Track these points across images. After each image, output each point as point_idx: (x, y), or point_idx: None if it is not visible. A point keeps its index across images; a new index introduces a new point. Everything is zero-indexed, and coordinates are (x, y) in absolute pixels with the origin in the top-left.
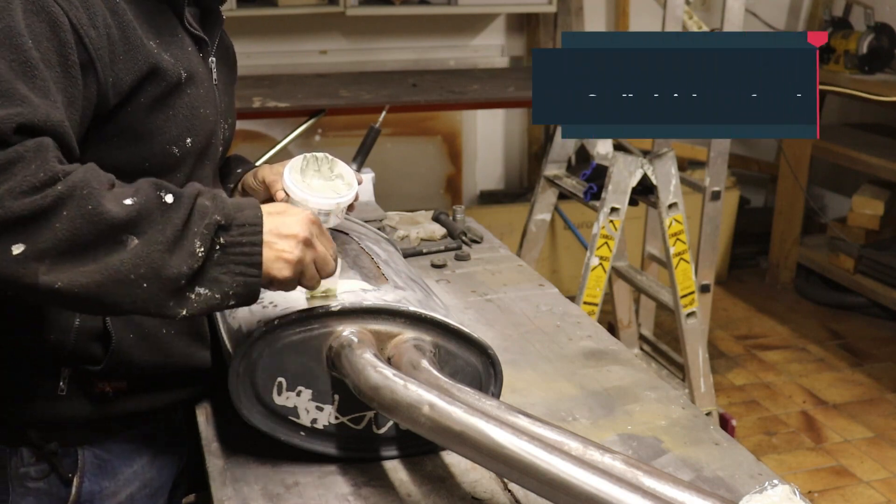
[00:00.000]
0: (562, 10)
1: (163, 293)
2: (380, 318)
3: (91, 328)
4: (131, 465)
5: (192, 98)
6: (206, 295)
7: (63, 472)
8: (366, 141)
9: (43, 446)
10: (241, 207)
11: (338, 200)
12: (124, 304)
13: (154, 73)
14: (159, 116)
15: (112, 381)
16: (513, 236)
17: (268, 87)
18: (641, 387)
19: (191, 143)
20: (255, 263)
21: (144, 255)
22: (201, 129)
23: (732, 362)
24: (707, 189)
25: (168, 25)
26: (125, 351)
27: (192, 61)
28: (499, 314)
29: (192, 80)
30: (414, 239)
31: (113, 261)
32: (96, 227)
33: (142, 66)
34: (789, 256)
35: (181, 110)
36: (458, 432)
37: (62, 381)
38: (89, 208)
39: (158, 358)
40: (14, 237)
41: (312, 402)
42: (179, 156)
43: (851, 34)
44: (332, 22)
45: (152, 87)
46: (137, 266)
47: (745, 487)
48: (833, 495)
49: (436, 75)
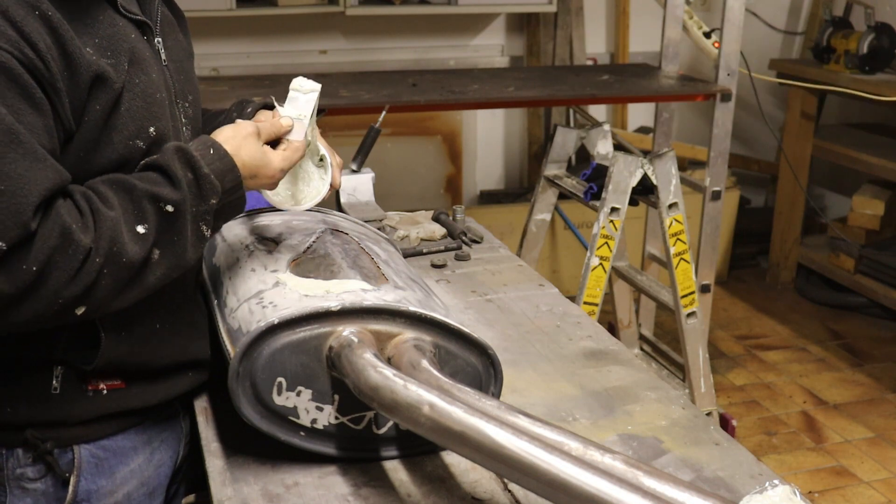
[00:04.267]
0: (562, 10)
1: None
2: (380, 318)
3: (81, 328)
4: (128, 463)
5: (144, 86)
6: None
7: (60, 471)
8: (366, 141)
9: (39, 446)
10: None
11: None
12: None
13: (99, 82)
14: (113, 117)
15: (106, 379)
16: (513, 236)
17: (268, 87)
18: (641, 387)
19: (154, 131)
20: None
21: (172, 266)
22: (161, 113)
23: (733, 362)
24: (707, 189)
25: (103, 18)
26: (117, 348)
27: (137, 48)
28: (499, 314)
29: (140, 68)
30: (414, 239)
31: (150, 279)
32: (132, 270)
33: (85, 78)
34: (789, 256)
35: (134, 103)
36: (458, 432)
37: (55, 379)
38: (123, 261)
39: (152, 353)
40: (75, 307)
41: (312, 403)
42: (145, 147)
43: (852, 34)
44: (332, 22)
45: (101, 94)
46: (168, 275)
47: (745, 488)
48: (833, 495)
49: (436, 75)
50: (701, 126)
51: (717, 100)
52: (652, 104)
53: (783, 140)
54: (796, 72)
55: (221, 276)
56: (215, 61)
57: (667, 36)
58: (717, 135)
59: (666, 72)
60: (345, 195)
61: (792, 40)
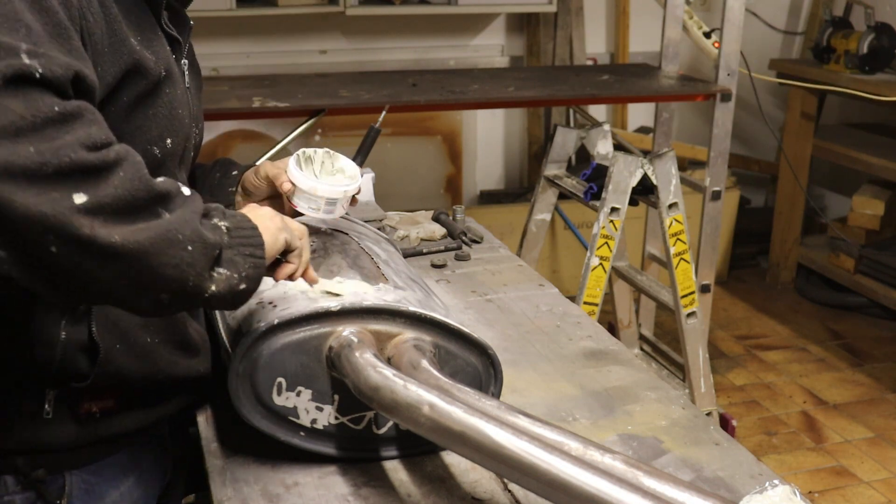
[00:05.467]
0: (562, 10)
1: (204, 258)
2: (380, 318)
3: (77, 341)
4: (118, 486)
5: (171, 98)
6: (226, 275)
7: (50, 498)
8: (366, 141)
9: (29, 473)
10: None
11: (345, 188)
12: (170, 264)
13: (136, 70)
14: (140, 115)
15: (98, 401)
16: (513, 236)
17: (268, 87)
18: (642, 387)
19: (170, 143)
20: (258, 245)
21: (187, 221)
22: (179, 130)
23: (733, 362)
24: (707, 189)
25: (148, 23)
26: (113, 363)
27: (170, 61)
28: (499, 314)
29: (170, 79)
30: (414, 239)
31: (161, 222)
32: (147, 192)
33: (126, 61)
34: (789, 256)
35: (161, 109)
36: (459, 432)
37: (47, 403)
38: (143, 172)
39: (146, 368)
40: (76, 186)
41: (312, 403)
42: (160, 157)
43: (852, 34)
44: (332, 22)
45: (134, 84)
46: (183, 227)
47: (745, 488)
48: (833, 495)
49: (436, 75)
50: (701, 126)
51: (717, 100)
52: (652, 104)
53: (783, 140)
54: (796, 72)
55: None
56: (215, 61)
57: (667, 36)
58: (717, 135)
59: (666, 72)
60: None
61: (792, 40)
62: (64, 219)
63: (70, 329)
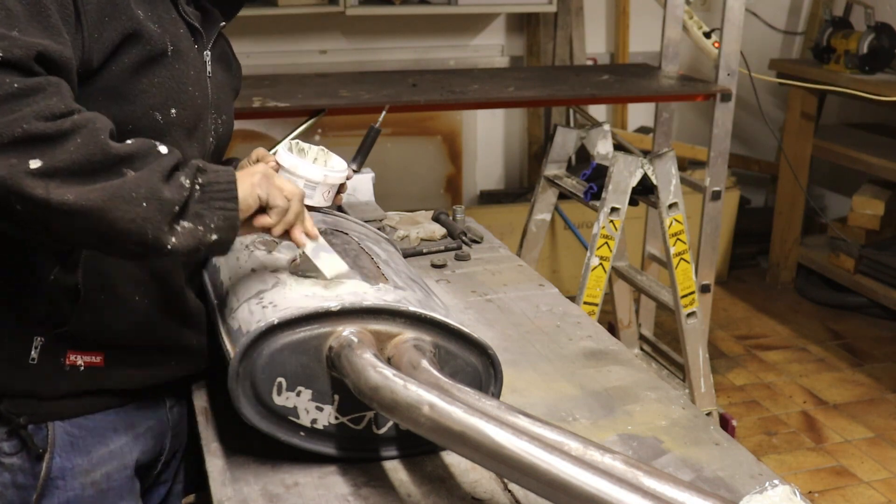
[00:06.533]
0: (562, 10)
1: (160, 214)
2: (380, 318)
3: (63, 286)
4: (107, 444)
5: (180, 73)
6: (190, 228)
7: (34, 447)
8: (366, 141)
9: (13, 420)
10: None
11: (325, 173)
12: (126, 219)
13: (137, 37)
14: (143, 80)
15: (84, 354)
16: (513, 236)
17: (268, 86)
18: (641, 387)
19: (175, 114)
20: (231, 198)
21: (144, 180)
22: (189, 104)
23: (733, 362)
24: (707, 189)
25: (163, 5)
26: (96, 312)
27: (182, 41)
28: (499, 314)
29: (180, 57)
30: (414, 239)
31: (117, 182)
32: (104, 155)
33: (126, 26)
34: (789, 256)
35: (167, 80)
36: (459, 432)
37: (34, 349)
38: (101, 138)
39: (133, 327)
40: (32, 153)
41: (312, 403)
42: (163, 123)
43: (852, 34)
44: (332, 22)
45: (136, 50)
46: (138, 187)
47: (745, 488)
48: (833, 495)
49: (436, 75)
50: (701, 126)
51: (717, 100)
52: (652, 104)
53: (783, 140)
54: (796, 72)
55: (221, 276)
56: None
57: (667, 36)
58: (717, 135)
59: (666, 72)
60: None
61: (792, 40)
62: (18, 180)
63: (59, 274)
